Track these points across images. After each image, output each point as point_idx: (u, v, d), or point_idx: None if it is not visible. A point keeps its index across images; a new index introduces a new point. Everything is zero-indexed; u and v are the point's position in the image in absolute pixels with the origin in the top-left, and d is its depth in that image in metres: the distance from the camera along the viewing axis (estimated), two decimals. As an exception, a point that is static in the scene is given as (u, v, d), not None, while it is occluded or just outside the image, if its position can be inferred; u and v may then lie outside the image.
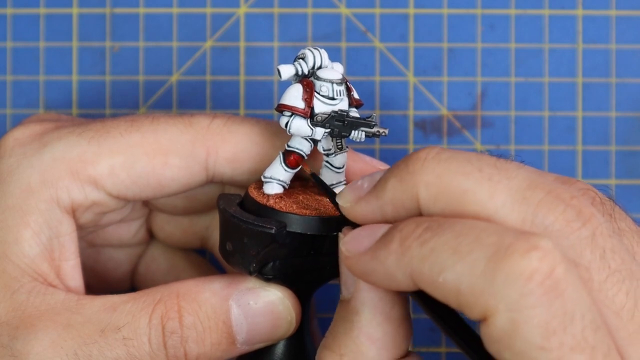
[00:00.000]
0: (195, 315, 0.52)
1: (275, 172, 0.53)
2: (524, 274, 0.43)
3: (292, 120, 0.52)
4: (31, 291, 0.52)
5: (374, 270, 0.47)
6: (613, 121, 0.66)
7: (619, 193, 0.66)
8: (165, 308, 0.52)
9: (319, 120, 0.52)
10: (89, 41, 0.66)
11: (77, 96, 0.66)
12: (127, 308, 0.52)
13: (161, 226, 0.61)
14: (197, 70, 0.66)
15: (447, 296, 0.44)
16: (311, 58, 0.53)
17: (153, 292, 0.53)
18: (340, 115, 0.52)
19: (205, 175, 0.55)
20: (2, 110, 0.66)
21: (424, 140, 0.66)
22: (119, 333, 0.51)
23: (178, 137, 0.55)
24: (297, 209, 0.52)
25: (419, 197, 0.47)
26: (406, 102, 0.66)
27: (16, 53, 0.66)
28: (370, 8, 0.66)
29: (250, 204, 0.53)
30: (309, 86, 0.52)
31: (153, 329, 0.51)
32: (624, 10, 0.66)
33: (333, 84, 0.52)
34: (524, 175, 0.46)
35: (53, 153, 0.54)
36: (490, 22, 0.66)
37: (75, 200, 0.54)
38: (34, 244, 0.53)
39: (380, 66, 0.66)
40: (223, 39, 0.66)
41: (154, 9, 0.66)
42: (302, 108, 0.52)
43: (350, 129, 0.52)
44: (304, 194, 0.54)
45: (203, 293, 0.52)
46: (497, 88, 0.66)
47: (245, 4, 0.66)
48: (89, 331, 0.51)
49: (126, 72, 0.66)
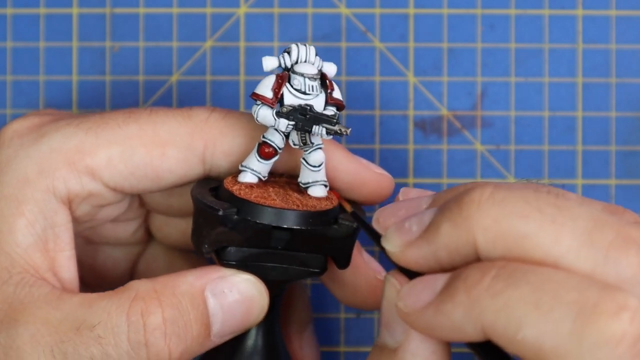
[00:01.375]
0: (176, 308, 0.51)
1: (250, 162, 0.53)
2: (615, 337, 0.41)
3: (259, 109, 0.52)
4: (19, 283, 0.52)
5: (440, 325, 0.45)
6: (613, 121, 0.66)
7: (619, 193, 0.66)
8: (144, 304, 0.51)
9: (282, 112, 0.52)
10: (89, 41, 0.66)
11: (77, 96, 0.66)
12: (102, 305, 0.51)
13: (159, 227, 0.61)
14: (197, 70, 0.66)
15: (525, 354, 0.42)
16: (295, 52, 0.53)
17: (127, 289, 0.52)
18: (303, 109, 0.52)
19: (202, 168, 0.55)
20: (2, 110, 0.66)
21: (424, 140, 0.66)
22: (93, 331, 0.50)
23: (176, 129, 0.55)
24: (255, 198, 0.52)
25: (477, 243, 0.45)
26: (406, 102, 0.66)
27: (16, 53, 0.66)
28: (370, 8, 0.66)
29: (221, 191, 0.53)
30: (282, 78, 0.53)
31: (132, 326, 0.50)
32: (624, 10, 0.66)
33: (305, 78, 0.52)
34: (587, 214, 0.44)
35: (50, 144, 0.54)
36: (490, 22, 0.66)
37: (72, 190, 0.54)
38: (27, 234, 0.53)
39: (380, 66, 0.66)
40: (223, 39, 0.66)
41: (154, 9, 0.66)
42: (270, 98, 0.52)
43: (311, 123, 0.52)
44: (280, 188, 0.54)
45: (180, 286, 0.52)
46: (497, 88, 0.66)
47: (245, 4, 0.66)
48: (65, 328, 0.51)
49: (126, 72, 0.66)
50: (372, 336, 0.66)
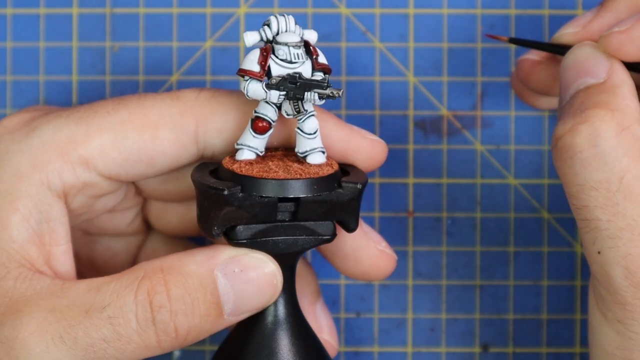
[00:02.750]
0: (182, 287, 0.51)
1: (245, 138, 0.54)
2: None
3: (249, 84, 0.52)
4: (18, 277, 0.52)
5: None
6: (613, 121, 0.66)
7: (619, 193, 0.66)
8: (150, 283, 0.51)
9: (272, 83, 0.52)
10: (89, 41, 0.66)
11: (77, 96, 0.66)
12: (111, 287, 0.51)
13: (157, 215, 0.61)
14: (197, 70, 0.66)
15: None
16: (275, 24, 0.53)
17: (136, 270, 0.52)
18: (292, 77, 0.52)
19: (196, 148, 0.55)
20: (2, 110, 0.66)
21: (424, 140, 0.66)
22: (103, 312, 0.51)
23: (166, 110, 0.55)
24: (257, 173, 0.52)
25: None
26: (406, 102, 0.66)
27: (16, 53, 0.66)
28: (370, 8, 0.66)
29: (221, 171, 0.53)
30: (266, 50, 0.53)
31: (140, 305, 0.51)
32: (624, 10, 0.66)
33: (289, 47, 0.53)
34: None
35: (42, 137, 0.54)
36: (490, 22, 0.66)
37: (67, 182, 0.54)
38: (22, 229, 0.53)
39: (380, 66, 0.66)
40: (223, 39, 0.66)
41: (154, 9, 0.66)
42: (257, 71, 0.52)
43: (303, 90, 0.52)
44: (279, 161, 0.54)
45: (187, 265, 0.52)
46: (497, 88, 0.66)
47: (245, 4, 0.66)
48: (73, 313, 0.51)
49: (126, 72, 0.66)
50: (372, 336, 0.66)
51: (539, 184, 0.66)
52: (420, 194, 0.66)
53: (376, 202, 0.66)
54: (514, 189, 0.65)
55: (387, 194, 0.66)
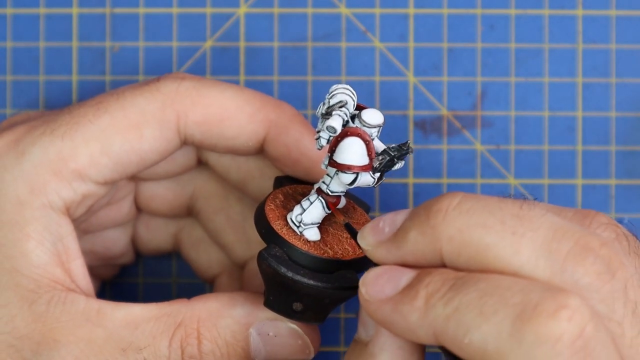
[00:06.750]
0: (214, 342, 0.52)
1: (316, 216, 0.52)
2: (553, 336, 0.42)
3: (362, 179, 0.50)
4: (50, 301, 0.52)
5: (396, 322, 0.46)
6: (613, 121, 0.66)
7: (619, 193, 0.66)
8: (185, 333, 0.52)
9: (377, 168, 0.50)
10: (89, 41, 0.66)
11: (77, 96, 0.66)
12: (149, 329, 0.52)
13: (147, 203, 0.61)
14: (197, 70, 0.66)
15: (473, 357, 0.43)
16: (351, 103, 0.50)
17: (175, 313, 0.53)
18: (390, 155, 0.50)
19: (178, 139, 0.56)
20: (2, 110, 0.66)
21: (424, 140, 0.66)
22: (140, 354, 0.51)
23: (146, 106, 0.55)
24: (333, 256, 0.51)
25: (442, 251, 0.45)
26: (406, 102, 0.66)
27: (16, 53, 0.66)
28: (370, 8, 0.66)
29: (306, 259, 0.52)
30: (365, 139, 0.50)
31: (173, 352, 0.52)
32: (624, 10, 0.66)
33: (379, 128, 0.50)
34: (548, 224, 0.45)
35: (32, 160, 0.54)
36: (490, 22, 0.66)
37: (67, 199, 0.54)
38: (40, 253, 0.53)
39: (380, 66, 0.66)
40: (223, 39, 0.66)
41: (154, 9, 0.66)
42: (369, 164, 0.50)
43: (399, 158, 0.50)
44: (329, 228, 0.54)
45: (224, 319, 0.53)
46: (497, 88, 0.66)
47: (245, 4, 0.66)
48: (111, 348, 0.51)
49: (126, 72, 0.66)
50: (372, 336, 0.66)
51: (539, 184, 0.66)
52: (420, 194, 0.66)
53: (376, 202, 0.66)
54: (514, 189, 0.65)
55: (387, 194, 0.66)
